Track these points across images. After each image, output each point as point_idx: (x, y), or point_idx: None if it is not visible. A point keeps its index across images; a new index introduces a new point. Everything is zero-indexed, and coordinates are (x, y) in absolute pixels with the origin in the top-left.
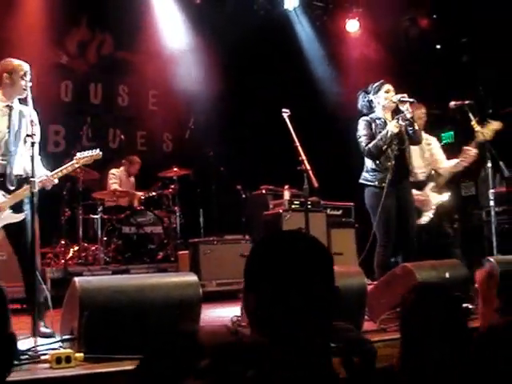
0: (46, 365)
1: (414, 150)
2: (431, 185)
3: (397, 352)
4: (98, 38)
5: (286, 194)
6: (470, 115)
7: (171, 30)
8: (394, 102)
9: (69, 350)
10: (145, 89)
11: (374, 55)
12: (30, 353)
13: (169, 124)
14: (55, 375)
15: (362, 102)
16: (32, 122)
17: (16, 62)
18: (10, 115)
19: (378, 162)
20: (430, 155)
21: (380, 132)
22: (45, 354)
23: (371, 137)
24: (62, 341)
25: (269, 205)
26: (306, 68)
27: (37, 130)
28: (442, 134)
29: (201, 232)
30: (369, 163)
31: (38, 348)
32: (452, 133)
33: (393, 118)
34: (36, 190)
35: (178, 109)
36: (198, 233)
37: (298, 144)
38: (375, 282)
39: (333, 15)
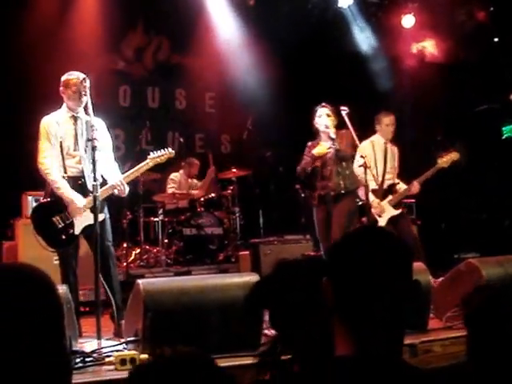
0: (111, 367)
1: (380, 160)
2: (390, 197)
3: (463, 349)
4: (154, 42)
5: None
6: None
7: (226, 31)
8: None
9: (133, 352)
10: (201, 91)
11: (430, 50)
12: (94, 355)
13: (226, 125)
14: (120, 377)
15: None
16: (93, 127)
17: (70, 75)
18: (76, 124)
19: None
20: (392, 165)
21: None
22: (109, 356)
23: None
24: (127, 342)
25: None
26: (362, 66)
27: (99, 135)
28: (503, 128)
29: (261, 232)
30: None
31: (103, 350)
32: None
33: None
34: (98, 193)
35: (235, 110)
36: (258, 233)
37: (357, 142)
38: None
39: (388, 11)
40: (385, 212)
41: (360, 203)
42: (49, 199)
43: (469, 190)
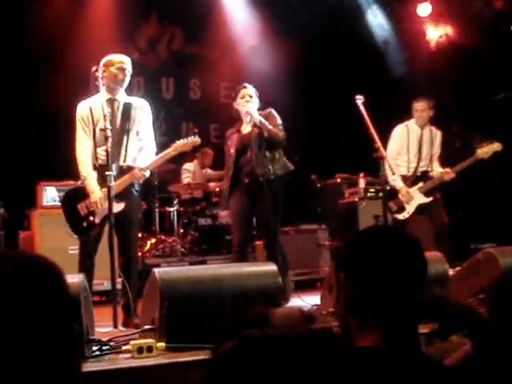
0: (128, 355)
1: (414, 146)
2: (420, 184)
3: None
4: (168, 33)
5: (361, 182)
6: None
7: (240, 21)
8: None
9: (150, 340)
10: (216, 81)
11: (446, 38)
12: (111, 343)
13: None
14: (137, 365)
15: None
16: (132, 108)
17: (113, 56)
18: (112, 108)
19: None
20: (428, 152)
21: None
22: (126, 344)
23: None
24: (143, 331)
25: (344, 193)
26: (377, 54)
27: (140, 117)
28: None
29: None
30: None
31: (120, 338)
32: None
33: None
34: (112, 184)
35: None
36: None
37: (373, 130)
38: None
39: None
40: (413, 200)
41: (388, 188)
42: (80, 186)
43: (485, 179)
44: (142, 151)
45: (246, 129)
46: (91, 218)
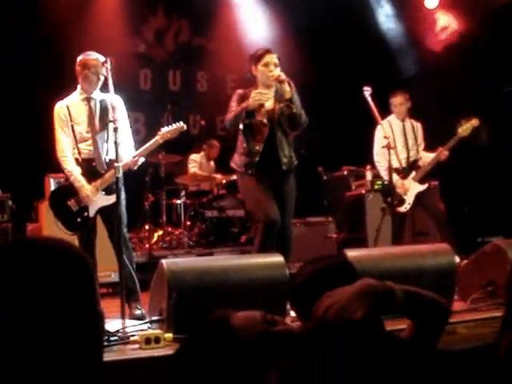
0: (136, 345)
1: (399, 139)
2: (413, 173)
3: (489, 332)
4: (175, 25)
5: (368, 175)
6: None
7: (247, 13)
8: (272, 80)
9: (158, 331)
10: (223, 74)
11: (454, 31)
12: (119, 334)
13: None
14: (145, 356)
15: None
16: (113, 107)
17: (89, 56)
18: (89, 106)
19: (245, 145)
20: (414, 142)
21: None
22: (134, 335)
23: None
24: (151, 322)
25: (351, 186)
26: (385, 46)
27: (119, 114)
28: None
29: None
30: (239, 144)
31: (127, 329)
32: None
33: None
34: (120, 175)
35: None
36: None
37: (380, 122)
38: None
39: None
40: (409, 190)
41: (385, 183)
42: (65, 183)
43: (492, 172)
44: (122, 144)
45: (267, 102)
46: (85, 214)
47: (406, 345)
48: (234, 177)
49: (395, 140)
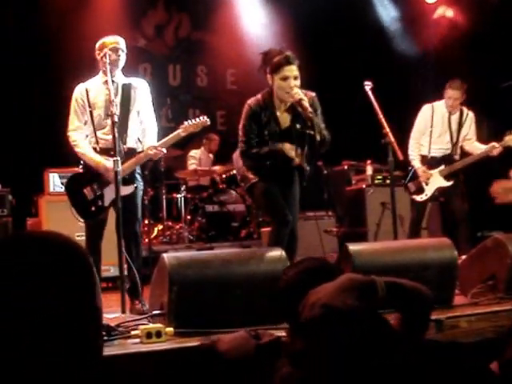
0: (137, 340)
1: (438, 127)
2: (441, 167)
3: (488, 325)
4: (175, 20)
5: (369, 169)
6: None
7: (247, 7)
8: (291, 100)
9: (159, 325)
10: (223, 68)
11: (454, 23)
12: (120, 328)
13: None
14: (146, 350)
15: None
16: (131, 88)
17: (106, 38)
18: (108, 89)
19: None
20: (456, 137)
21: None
22: (135, 329)
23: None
24: (152, 316)
25: (351, 180)
26: (385, 39)
27: (143, 100)
28: None
29: None
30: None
31: (128, 323)
32: None
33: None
34: (119, 168)
35: (257, 87)
36: None
37: (381, 116)
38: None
39: None
40: (431, 180)
41: (409, 168)
42: (81, 171)
43: (492, 166)
44: (145, 132)
45: (282, 119)
46: (100, 203)
47: (394, 335)
48: (235, 171)
49: (433, 126)
